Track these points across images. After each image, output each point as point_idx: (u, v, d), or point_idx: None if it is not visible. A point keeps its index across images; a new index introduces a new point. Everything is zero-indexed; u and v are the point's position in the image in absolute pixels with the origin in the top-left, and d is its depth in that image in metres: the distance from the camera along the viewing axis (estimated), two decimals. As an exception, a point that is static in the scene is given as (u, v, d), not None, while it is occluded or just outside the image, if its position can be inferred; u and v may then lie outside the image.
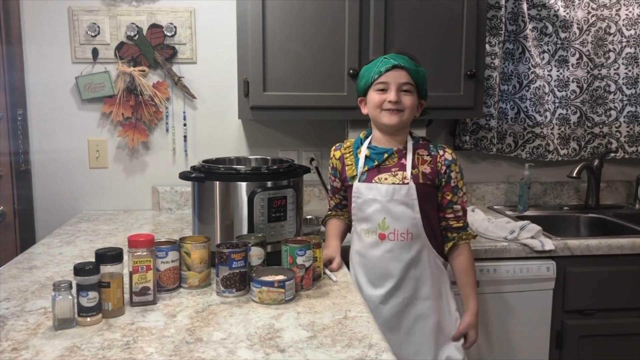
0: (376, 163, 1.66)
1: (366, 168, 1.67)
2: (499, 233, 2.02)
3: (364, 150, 1.69)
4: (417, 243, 1.63)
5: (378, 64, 1.63)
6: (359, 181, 1.66)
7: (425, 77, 1.66)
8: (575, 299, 2.02)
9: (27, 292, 1.43)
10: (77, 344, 1.14)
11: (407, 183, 1.61)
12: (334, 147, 1.79)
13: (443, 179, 1.65)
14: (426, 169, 1.64)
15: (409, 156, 1.64)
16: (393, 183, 1.62)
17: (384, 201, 1.61)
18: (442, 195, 1.67)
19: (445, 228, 1.69)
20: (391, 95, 1.59)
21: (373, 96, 1.63)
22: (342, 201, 1.80)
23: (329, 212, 1.84)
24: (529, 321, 2.00)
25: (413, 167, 1.63)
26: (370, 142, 1.70)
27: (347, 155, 1.73)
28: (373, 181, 1.64)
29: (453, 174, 1.65)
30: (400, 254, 1.63)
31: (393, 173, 1.64)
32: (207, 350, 1.12)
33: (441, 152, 1.66)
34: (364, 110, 1.70)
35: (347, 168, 1.71)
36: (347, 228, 1.81)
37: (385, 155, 1.65)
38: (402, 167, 1.64)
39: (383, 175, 1.64)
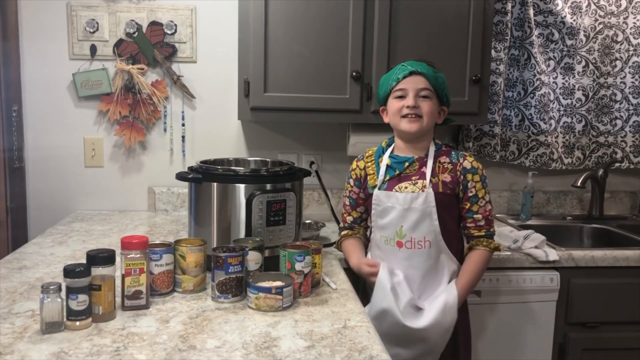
0: (397, 172, 1.64)
1: (387, 177, 1.65)
2: (502, 242, 1.97)
3: (385, 159, 1.67)
4: (436, 251, 1.61)
5: (396, 71, 1.63)
6: (379, 189, 1.64)
7: (445, 82, 1.64)
8: (579, 311, 1.97)
9: (16, 294, 1.38)
10: (65, 350, 1.09)
11: (425, 191, 1.59)
12: (356, 159, 1.76)
13: (461, 188, 1.63)
14: (446, 177, 1.62)
15: (429, 164, 1.62)
16: (412, 192, 1.60)
17: (402, 209, 1.59)
18: (462, 205, 1.65)
19: (467, 236, 1.68)
20: (409, 101, 1.58)
21: (392, 103, 1.63)
22: (362, 215, 1.76)
23: (344, 232, 1.78)
24: (532, 333, 1.95)
25: (433, 176, 1.61)
26: (392, 151, 1.69)
27: (369, 164, 1.71)
28: (394, 190, 1.62)
29: (470, 184, 1.62)
30: (419, 262, 1.61)
31: (413, 182, 1.62)
32: (201, 359, 1.07)
33: (461, 160, 1.64)
34: (386, 119, 1.69)
35: (369, 177, 1.69)
36: (364, 245, 1.77)
37: (406, 164, 1.63)
38: (423, 176, 1.62)
39: (403, 184, 1.62)
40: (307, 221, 2.18)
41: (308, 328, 1.23)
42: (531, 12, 2.38)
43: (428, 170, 1.61)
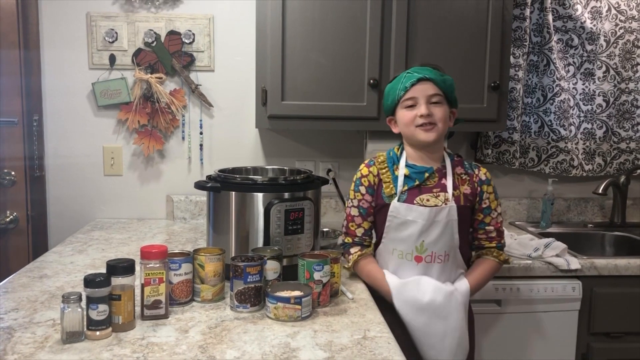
0: (417, 183, 1.57)
1: (406, 187, 1.57)
2: (522, 250, 1.95)
3: (402, 168, 1.59)
4: (452, 264, 1.58)
5: (402, 79, 1.56)
6: (399, 200, 1.56)
7: (453, 85, 1.58)
8: (602, 321, 1.93)
9: (37, 303, 1.39)
10: (85, 360, 1.09)
11: (449, 204, 1.54)
12: (364, 164, 1.65)
13: (477, 200, 1.61)
14: (466, 189, 1.59)
15: (449, 176, 1.58)
16: (435, 205, 1.54)
17: (424, 224, 1.53)
18: (474, 217, 1.63)
19: (477, 246, 1.65)
20: (422, 109, 1.51)
21: (403, 114, 1.56)
22: (372, 225, 1.65)
23: (357, 251, 1.62)
24: (554, 343, 1.92)
25: (454, 188, 1.57)
26: (406, 160, 1.61)
27: (384, 171, 1.61)
28: (415, 202, 1.55)
29: (484, 195, 1.61)
30: (434, 273, 1.56)
31: (435, 194, 1.56)
32: (220, 369, 1.07)
33: (476, 171, 1.62)
34: (395, 130, 1.63)
35: (384, 185, 1.59)
36: None
37: (427, 174, 1.57)
38: (444, 188, 1.57)
39: (425, 196, 1.56)
40: (325, 229, 2.18)
41: (327, 339, 1.22)
42: (550, 17, 2.35)
43: (449, 183, 1.57)
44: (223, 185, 1.59)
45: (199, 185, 1.62)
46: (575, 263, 1.89)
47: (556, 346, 1.93)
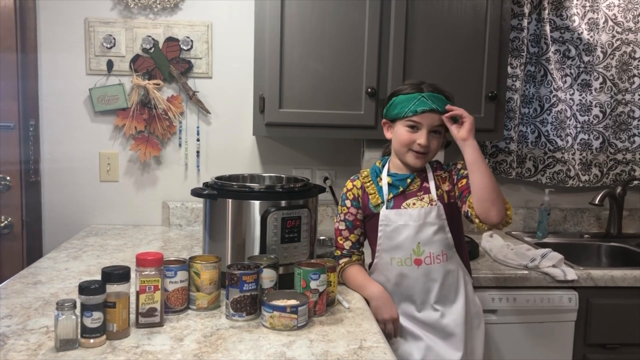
0: (401, 189, 1.62)
1: (391, 195, 1.63)
2: (519, 261, 1.95)
3: (385, 178, 1.65)
4: (453, 264, 1.60)
5: (415, 101, 1.56)
6: (387, 208, 1.61)
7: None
8: (599, 332, 1.93)
9: (30, 309, 1.38)
10: (79, 368, 1.08)
11: (435, 204, 1.58)
12: (350, 180, 1.72)
13: (455, 178, 1.61)
14: (448, 186, 1.63)
15: (431, 179, 1.63)
16: (422, 207, 1.58)
17: (416, 225, 1.57)
18: (461, 184, 1.57)
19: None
20: (422, 139, 1.56)
21: (402, 131, 1.59)
22: (359, 237, 1.70)
23: (344, 260, 1.68)
24: (550, 354, 1.92)
25: (437, 188, 1.62)
26: (388, 170, 1.67)
27: (368, 184, 1.68)
28: (402, 207, 1.60)
29: (460, 165, 1.61)
30: (437, 275, 1.58)
31: (419, 197, 1.61)
32: (215, 379, 1.06)
33: (452, 166, 1.66)
34: (387, 134, 1.67)
35: (370, 197, 1.65)
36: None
37: (409, 180, 1.63)
38: (427, 190, 1.62)
39: (410, 201, 1.61)
40: (321, 237, 2.17)
41: (323, 348, 1.21)
42: (547, 28, 2.37)
43: (431, 184, 1.61)
44: (220, 193, 1.59)
45: (196, 192, 1.61)
46: (571, 274, 1.89)
47: (552, 357, 1.92)
